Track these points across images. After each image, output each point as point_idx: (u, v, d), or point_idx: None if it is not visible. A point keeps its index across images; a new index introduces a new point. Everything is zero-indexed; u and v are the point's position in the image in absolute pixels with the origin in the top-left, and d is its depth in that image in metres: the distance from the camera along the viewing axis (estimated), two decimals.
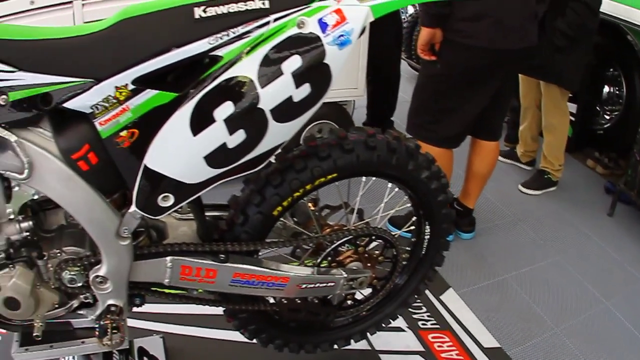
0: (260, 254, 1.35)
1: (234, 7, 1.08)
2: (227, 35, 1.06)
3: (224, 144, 1.09)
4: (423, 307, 1.90)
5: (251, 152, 1.13)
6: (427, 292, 1.84)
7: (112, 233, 1.14)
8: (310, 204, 1.40)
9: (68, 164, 1.08)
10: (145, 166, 1.08)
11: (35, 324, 1.26)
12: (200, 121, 1.07)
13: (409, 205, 1.52)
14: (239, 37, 1.07)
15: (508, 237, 2.41)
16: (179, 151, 1.09)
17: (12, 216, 1.15)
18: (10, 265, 1.18)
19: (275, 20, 1.08)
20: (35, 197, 1.14)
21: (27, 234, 1.18)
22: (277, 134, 1.13)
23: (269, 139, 1.12)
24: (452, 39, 1.93)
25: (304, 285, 1.33)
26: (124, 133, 1.06)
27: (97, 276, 1.20)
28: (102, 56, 1.05)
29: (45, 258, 1.21)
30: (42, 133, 1.08)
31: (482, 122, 2.15)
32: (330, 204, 1.46)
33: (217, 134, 1.08)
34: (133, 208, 1.13)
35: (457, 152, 2.19)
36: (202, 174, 1.11)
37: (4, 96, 1.01)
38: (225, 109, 1.07)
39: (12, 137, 1.03)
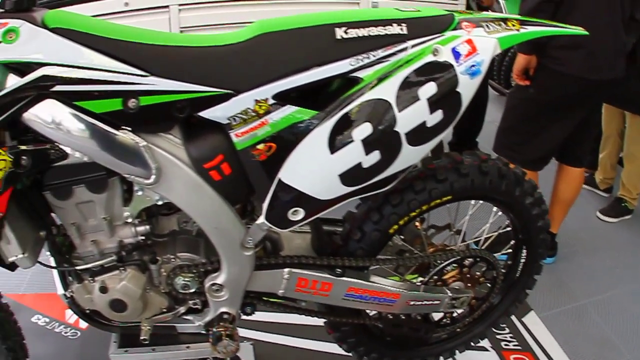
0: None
1: (374, 31, 1.10)
2: (368, 57, 1.09)
3: (360, 164, 1.12)
4: (506, 328, 1.91)
5: (383, 173, 1.15)
6: None
7: (237, 243, 1.18)
8: (417, 223, 1.42)
9: (198, 173, 1.10)
10: (280, 180, 1.11)
11: (142, 327, 1.31)
12: (338, 140, 1.09)
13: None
14: (379, 60, 1.09)
15: (586, 263, 2.41)
16: (315, 168, 1.11)
17: (129, 219, 1.18)
18: (121, 268, 1.23)
19: (413, 46, 1.10)
20: (160, 202, 1.16)
21: (142, 238, 1.22)
22: (408, 156, 1.15)
23: (400, 161, 1.15)
24: (546, 65, 1.95)
25: (412, 302, 1.35)
26: (260, 146, 1.08)
27: (214, 284, 1.23)
28: (242, 68, 1.07)
29: (158, 263, 1.25)
30: (171, 140, 1.10)
31: (569, 148, 2.16)
32: (435, 224, 1.48)
33: (353, 154, 1.11)
34: (262, 220, 1.15)
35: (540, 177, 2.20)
36: (334, 190, 1.14)
37: (134, 100, 1.03)
38: (364, 130, 1.09)
39: (142, 142, 1.06)
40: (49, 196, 1.15)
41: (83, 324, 2.01)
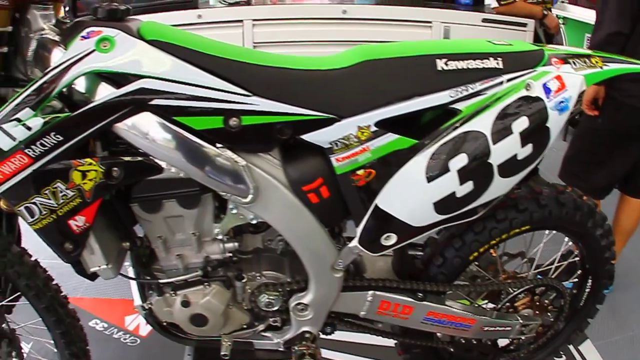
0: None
1: (472, 64, 1.13)
2: (466, 90, 1.11)
3: (454, 193, 1.14)
4: (563, 356, 1.91)
5: (473, 203, 1.17)
6: None
7: (328, 265, 1.20)
8: (492, 250, 1.44)
9: (296, 194, 1.12)
10: (377, 206, 1.13)
11: (223, 342, 1.33)
12: (435, 169, 1.11)
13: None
14: (477, 93, 1.12)
15: None
16: (412, 195, 1.13)
17: (219, 236, 1.21)
18: (206, 283, 1.26)
19: (508, 80, 1.13)
20: (254, 221, 1.18)
21: (230, 254, 1.24)
22: (498, 187, 1.17)
23: (490, 191, 1.17)
24: (615, 97, 1.97)
25: (486, 328, 1.37)
26: (360, 172, 1.11)
27: (300, 303, 1.26)
28: (346, 94, 1.09)
29: (243, 280, 1.27)
30: (270, 160, 1.12)
31: (632, 179, 2.17)
32: (508, 251, 1.50)
33: (449, 183, 1.13)
34: (354, 243, 1.18)
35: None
36: (427, 218, 1.16)
37: (235, 119, 1.05)
38: (460, 161, 1.12)
39: (242, 162, 1.08)
40: (137, 208, 1.18)
41: (143, 332, 2.05)
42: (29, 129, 1.03)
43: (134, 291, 1.33)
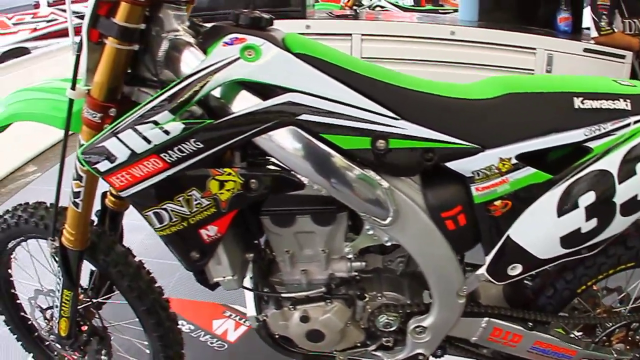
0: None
1: (605, 104, 1.16)
2: (599, 129, 1.14)
3: (579, 229, 1.17)
4: None
5: (594, 239, 1.20)
6: None
7: (454, 290, 1.22)
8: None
9: (434, 220, 1.15)
10: (508, 236, 1.16)
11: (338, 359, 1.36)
12: (566, 205, 1.15)
13: None
14: (607, 133, 1.15)
15: None
16: (542, 228, 1.17)
17: (348, 255, 1.24)
18: (328, 300, 1.28)
19: (635, 122, 1.16)
20: (388, 244, 1.21)
21: (355, 274, 1.27)
22: (617, 225, 1.20)
23: (611, 229, 1.20)
24: None
25: None
26: (498, 203, 1.14)
27: (419, 326, 1.28)
28: (491, 125, 1.12)
29: (365, 299, 1.29)
30: (412, 185, 1.15)
31: None
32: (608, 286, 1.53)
33: (576, 219, 1.16)
34: (482, 271, 1.21)
35: None
36: (553, 251, 1.19)
37: (383, 142, 1.07)
38: (588, 198, 1.15)
39: (385, 184, 1.10)
40: (268, 221, 1.20)
41: (231, 337, 2.07)
42: (166, 133, 1.05)
43: (248, 302, 1.36)
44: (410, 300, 1.30)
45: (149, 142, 1.05)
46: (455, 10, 5.91)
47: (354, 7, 4.85)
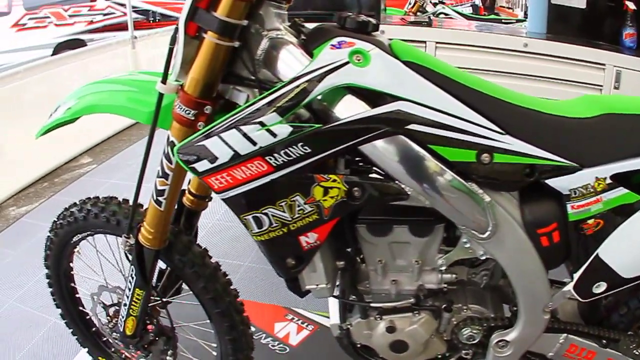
0: None
1: None
2: None
3: None
4: None
5: None
6: None
7: (540, 306, 1.25)
8: None
9: (530, 236, 1.16)
10: (597, 255, 1.19)
11: None
12: None
13: None
14: None
15: None
16: (630, 248, 1.19)
17: (441, 267, 1.26)
18: (415, 312, 1.30)
19: None
20: (483, 257, 1.22)
21: (444, 286, 1.29)
22: None
23: None
24: None
25: None
26: (590, 221, 1.16)
27: (502, 340, 1.29)
28: (589, 145, 1.14)
29: (452, 312, 1.31)
30: (510, 200, 1.16)
31: None
32: None
33: None
34: (569, 288, 1.23)
35: None
36: (637, 271, 1.22)
37: (487, 155, 1.07)
38: None
39: (487, 198, 1.11)
40: (364, 230, 1.22)
41: (293, 341, 2.09)
42: (273, 135, 1.04)
43: (332, 310, 1.38)
44: (494, 313, 1.32)
45: (254, 143, 1.04)
46: (518, 21, 5.97)
47: (418, 13, 4.89)
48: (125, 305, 1.57)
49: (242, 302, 1.55)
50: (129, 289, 1.52)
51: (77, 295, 1.88)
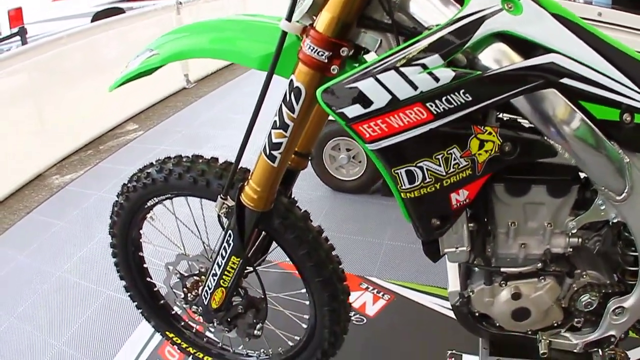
0: None
1: None
2: None
3: None
4: None
5: None
6: None
7: None
8: None
9: None
10: None
11: (542, 341, 1.30)
12: None
13: None
14: None
15: None
16: None
17: (572, 230, 1.18)
18: (541, 277, 1.23)
19: None
20: (615, 220, 1.15)
21: (570, 250, 1.22)
22: None
23: None
24: None
25: None
26: None
27: (620, 307, 1.24)
28: None
29: (574, 277, 1.25)
30: None
31: None
32: None
33: None
34: None
35: None
36: None
37: (629, 115, 1.02)
38: None
39: (626, 158, 1.06)
40: (500, 189, 1.15)
41: (370, 311, 2.04)
42: (436, 79, 0.96)
43: (451, 276, 1.30)
44: (609, 279, 1.25)
45: (415, 87, 0.96)
46: None
47: None
48: (214, 275, 1.45)
49: (343, 270, 1.46)
50: (223, 257, 1.40)
51: (144, 266, 1.79)
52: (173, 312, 1.85)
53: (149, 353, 2.05)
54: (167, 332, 1.87)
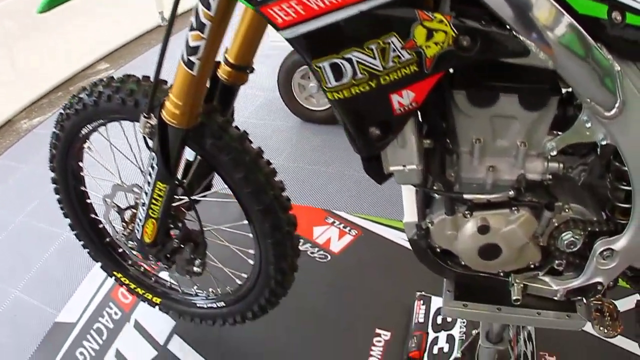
0: None
1: None
2: None
3: None
4: None
5: None
6: None
7: None
8: None
9: None
10: None
11: (515, 285, 1.11)
12: None
13: None
14: None
15: None
16: None
17: (551, 152, 0.96)
18: (514, 208, 1.02)
19: None
20: (603, 142, 0.92)
21: (549, 177, 1.01)
22: None
23: None
24: None
25: None
26: None
27: (608, 249, 1.03)
28: None
29: (554, 211, 1.03)
30: None
31: None
32: None
33: None
34: None
35: None
36: None
37: (619, 14, 0.81)
38: None
39: (617, 66, 0.84)
40: (461, 98, 0.93)
41: (335, 248, 1.90)
42: None
43: (407, 204, 1.10)
44: (595, 216, 1.05)
45: None
46: None
47: None
48: (143, 205, 1.31)
49: (288, 198, 1.28)
50: (149, 184, 1.26)
51: (88, 201, 1.65)
52: (120, 250, 1.70)
53: (103, 295, 1.93)
54: (115, 272, 1.73)
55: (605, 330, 1.10)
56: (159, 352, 1.69)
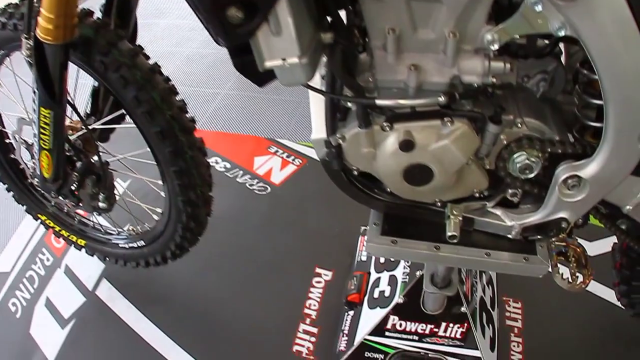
0: None
1: None
2: None
3: None
4: None
5: None
6: None
7: (637, 130, 0.74)
8: None
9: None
10: None
11: (452, 217, 0.92)
12: None
13: None
14: None
15: None
16: None
17: (491, 47, 0.73)
18: (447, 119, 0.81)
19: None
20: (560, 34, 0.69)
21: (492, 81, 0.78)
22: None
23: None
24: None
25: None
26: None
27: (574, 176, 0.82)
28: None
29: (501, 125, 0.81)
30: None
31: None
32: None
33: None
34: None
35: None
36: None
37: None
38: None
39: None
40: None
41: (276, 179, 1.75)
42: None
43: (314, 116, 0.89)
44: (558, 136, 0.83)
45: None
46: None
47: None
48: (35, 136, 1.17)
49: (193, 119, 1.10)
50: (34, 111, 1.13)
51: (7, 141, 1.52)
52: (42, 192, 1.54)
53: (37, 241, 1.80)
54: (40, 215, 1.60)
55: (569, 281, 0.90)
56: (87, 299, 1.57)
